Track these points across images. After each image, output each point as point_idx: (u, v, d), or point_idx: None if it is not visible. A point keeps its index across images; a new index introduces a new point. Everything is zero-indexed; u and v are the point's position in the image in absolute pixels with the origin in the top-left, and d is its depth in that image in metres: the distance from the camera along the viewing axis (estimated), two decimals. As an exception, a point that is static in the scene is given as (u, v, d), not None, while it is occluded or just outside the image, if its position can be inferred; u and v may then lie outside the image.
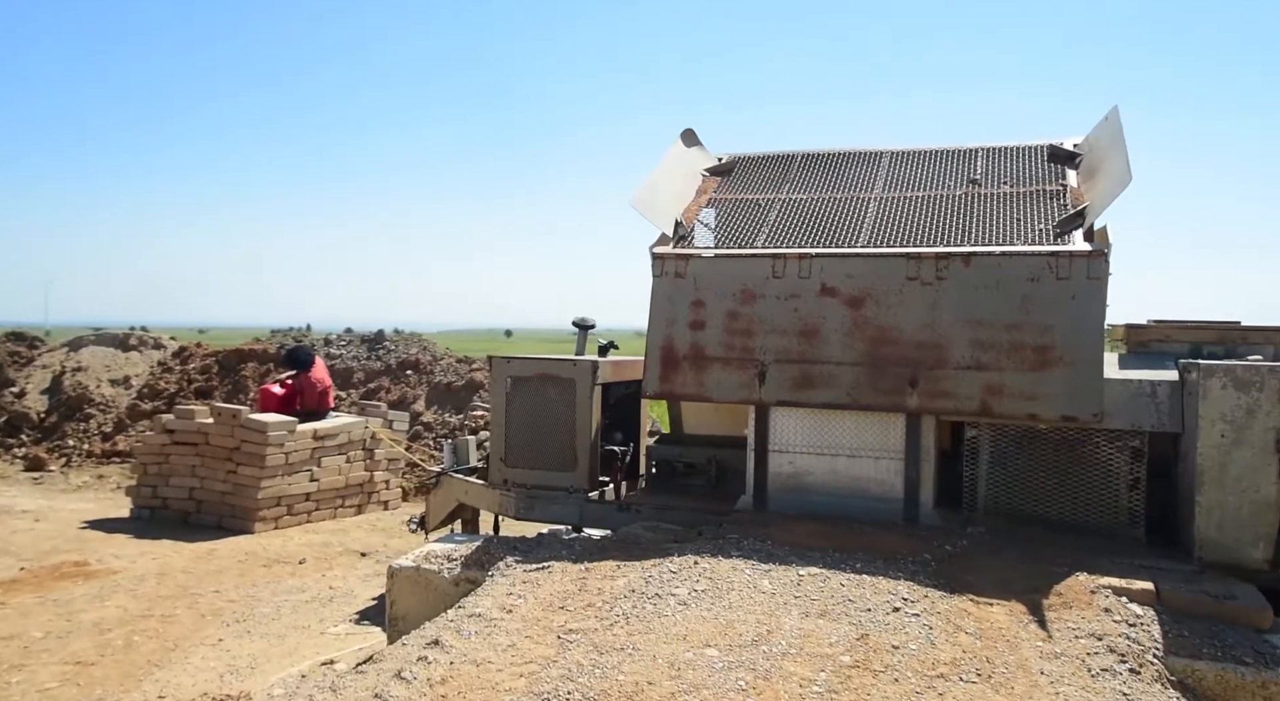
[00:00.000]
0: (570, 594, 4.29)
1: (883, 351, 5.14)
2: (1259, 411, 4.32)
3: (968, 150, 6.28)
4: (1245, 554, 4.38)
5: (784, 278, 5.39)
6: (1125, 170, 4.90)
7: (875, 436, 5.25)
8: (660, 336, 5.58)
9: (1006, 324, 4.92)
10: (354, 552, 8.63)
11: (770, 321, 5.38)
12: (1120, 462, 4.88)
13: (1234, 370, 4.37)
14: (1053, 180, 5.69)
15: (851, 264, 5.28)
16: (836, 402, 5.21)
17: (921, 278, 5.14)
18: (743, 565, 4.41)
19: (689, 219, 6.00)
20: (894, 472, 5.22)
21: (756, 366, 5.37)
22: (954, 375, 4.98)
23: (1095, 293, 4.82)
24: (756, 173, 6.55)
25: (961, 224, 5.43)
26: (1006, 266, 4.98)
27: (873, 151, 6.52)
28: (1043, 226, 5.24)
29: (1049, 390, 4.80)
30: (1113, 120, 5.63)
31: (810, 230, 5.68)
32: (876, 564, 4.42)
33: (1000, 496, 5.13)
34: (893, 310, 5.15)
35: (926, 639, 3.68)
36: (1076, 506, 4.97)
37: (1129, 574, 4.30)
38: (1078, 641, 3.73)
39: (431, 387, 15.94)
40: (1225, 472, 4.39)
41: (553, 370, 5.93)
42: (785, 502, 5.41)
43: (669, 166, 6.32)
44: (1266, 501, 4.33)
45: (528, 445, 5.98)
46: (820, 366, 5.25)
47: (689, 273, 5.58)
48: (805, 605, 3.99)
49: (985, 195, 5.68)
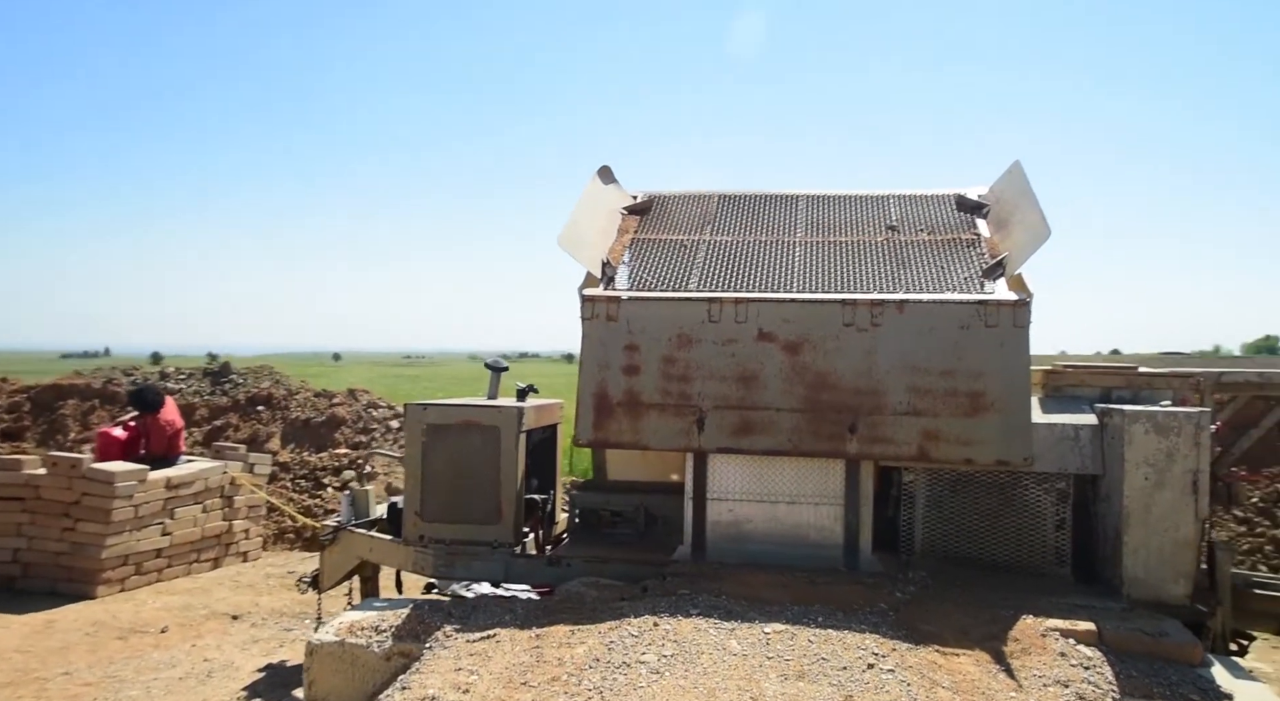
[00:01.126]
0: (528, 666, 3.98)
1: (822, 397, 5.14)
2: (1178, 455, 4.61)
3: (880, 196, 6.46)
4: (1168, 590, 4.64)
5: (720, 322, 5.32)
6: (1043, 224, 5.15)
7: (815, 482, 5.24)
8: (593, 382, 5.36)
9: (941, 370, 5.04)
10: (222, 615, 7.79)
11: (708, 367, 5.28)
12: (1047, 504, 5.09)
13: (1155, 416, 4.65)
14: (966, 229, 5.93)
15: (788, 309, 5.27)
16: (777, 449, 5.16)
17: (857, 324, 5.19)
18: (705, 624, 4.24)
19: (615, 260, 5.84)
20: (834, 518, 5.21)
21: (695, 413, 5.25)
22: (892, 421, 5.05)
23: (1021, 340, 5.02)
24: (676, 212, 6.47)
25: (888, 270, 5.55)
26: (939, 314, 5.11)
27: (789, 195, 6.60)
28: (966, 275, 5.43)
29: (983, 435, 4.94)
30: (1017, 173, 5.95)
31: (741, 274, 5.65)
32: (837, 617, 4.36)
33: (936, 539, 5.23)
34: (830, 356, 5.17)
35: (908, 697, 3.64)
36: (1007, 547, 5.14)
37: (1069, 614, 4.46)
38: (1046, 690, 3.80)
39: (287, 424, 14.86)
40: (1149, 513, 4.65)
41: (476, 417, 5.58)
42: (725, 551, 5.29)
43: (589, 204, 6.14)
44: (1186, 540, 4.62)
45: (447, 498, 5.57)
46: (760, 413, 5.19)
47: (621, 316, 5.41)
48: (781, 666, 3.86)
49: (905, 242, 5.84)
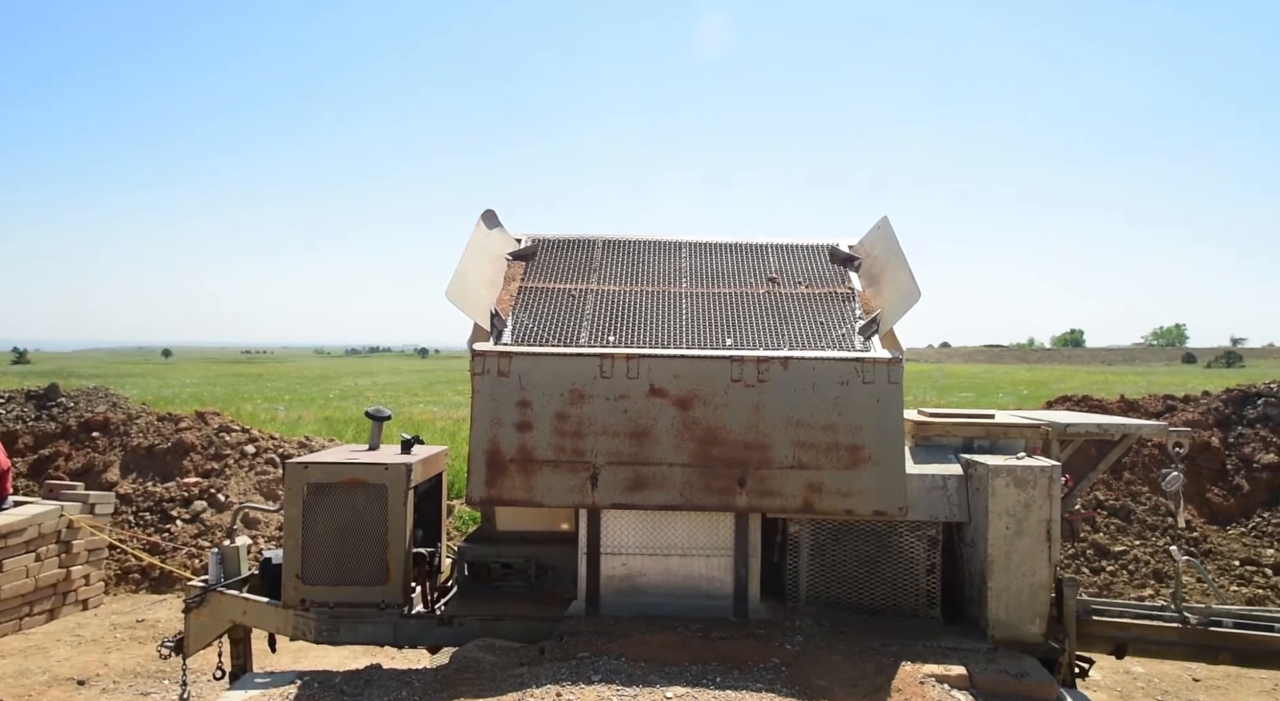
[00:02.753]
0: (431, 750, 3.90)
1: (712, 452, 5.29)
2: (1034, 505, 5.04)
3: (759, 245, 6.70)
4: (1026, 630, 5.06)
5: (612, 378, 5.37)
6: (912, 286, 5.50)
7: (706, 535, 5.38)
8: (485, 439, 5.30)
9: (823, 425, 5.29)
10: (66, 681, 7.18)
11: (601, 422, 5.32)
12: (919, 550, 5.44)
13: (1015, 470, 5.06)
14: (840, 282, 6.24)
15: (678, 365, 5.39)
16: (670, 504, 5.27)
17: (745, 380, 5.37)
18: (608, 692, 4.28)
19: (504, 310, 5.79)
20: (724, 569, 5.38)
21: (588, 469, 5.29)
22: (779, 474, 5.26)
23: (895, 395, 5.34)
24: (560, 259, 6.48)
25: (771, 324, 5.77)
26: (820, 370, 5.36)
27: (672, 242, 6.74)
28: (842, 331, 5.72)
29: (862, 487, 5.23)
30: (885, 229, 6.31)
31: (630, 326, 5.73)
32: (734, 675, 4.51)
33: (819, 586, 5.48)
34: (719, 411, 5.33)
35: (807, 759, 3.81)
36: (884, 592, 5.45)
37: (942, 658, 4.79)
38: (929, 741, 4.07)
39: (127, 452, 13.80)
40: (1010, 560, 5.05)
41: (361, 475, 5.39)
42: (619, 605, 5.35)
43: (475, 252, 6.06)
44: (1041, 583, 5.05)
45: (330, 559, 5.36)
46: (652, 468, 5.29)
47: (513, 371, 5.37)
48: (685, 735, 3.96)
49: (785, 295, 6.09)
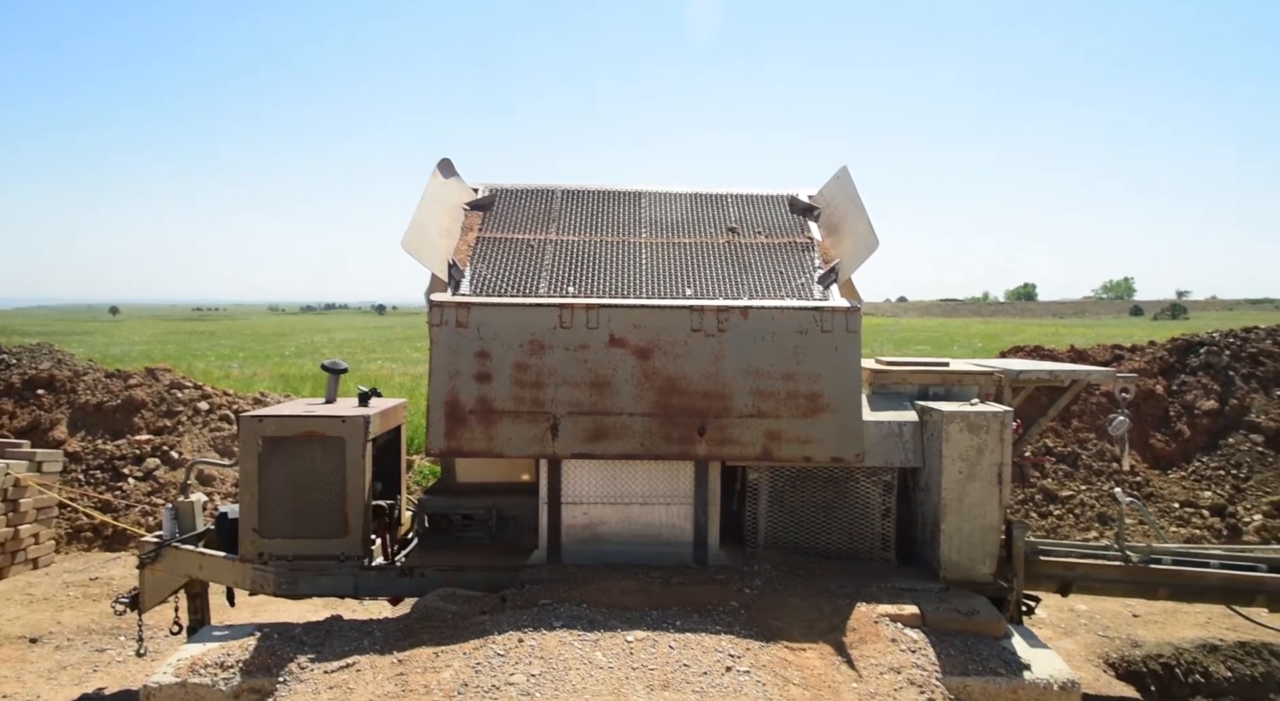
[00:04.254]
0: (394, 696, 3.92)
1: (672, 401, 5.31)
2: (986, 450, 5.15)
3: (719, 195, 6.67)
4: (977, 570, 5.21)
5: (572, 328, 5.35)
6: (870, 236, 5.52)
7: (666, 484, 5.43)
8: (444, 390, 5.26)
9: (782, 374, 5.33)
10: (18, 639, 7.07)
11: (560, 373, 5.31)
12: (875, 496, 5.55)
13: (968, 416, 5.16)
14: (800, 232, 6.25)
15: (638, 315, 5.37)
16: (630, 453, 5.29)
17: (705, 329, 5.38)
18: (570, 637, 4.34)
19: (462, 261, 5.71)
20: (684, 517, 5.44)
21: (548, 419, 5.28)
22: (739, 423, 5.30)
23: (853, 344, 5.40)
24: (519, 209, 6.39)
25: (730, 274, 5.77)
26: (780, 319, 5.38)
27: (632, 191, 6.68)
28: (802, 280, 5.74)
29: (820, 434, 5.30)
30: (844, 179, 6.31)
31: (590, 276, 5.69)
32: (694, 619, 4.59)
33: (778, 532, 5.58)
34: (680, 361, 5.34)
35: (765, 697, 3.91)
36: (841, 536, 5.57)
37: (896, 598, 4.92)
38: (883, 677, 4.19)
39: (75, 409, 13.47)
40: (962, 503, 5.18)
41: (317, 428, 5.33)
42: (580, 554, 5.40)
43: (431, 201, 5.94)
44: (991, 525, 5.19)
45: (288, 512, 5.32)
46: (613, 418, 5.30)
47: (471, 322, 5.32)
48: (646, 676, 4.03)
49: (745, 245, 6.08)
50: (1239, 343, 13.12)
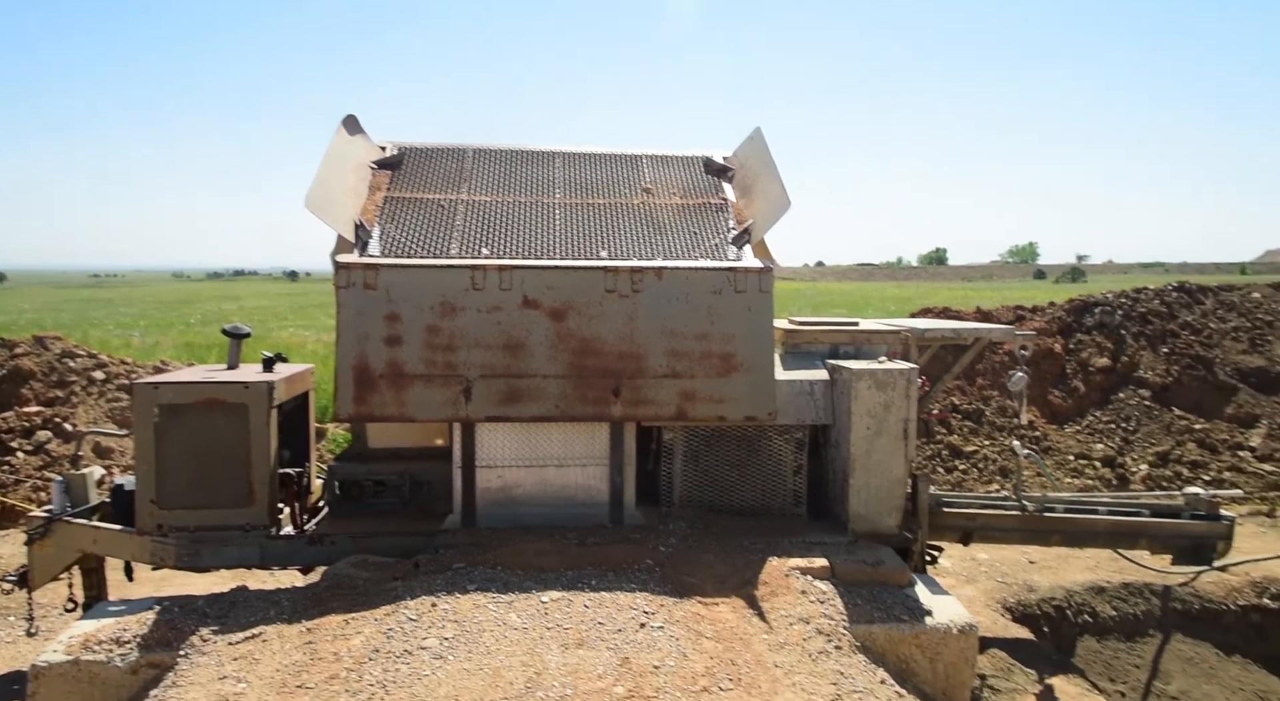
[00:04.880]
0: (303, 665, 3.85)
1: (587, 363, 5.29)
2: (893, 406, 5.30)
3: (633, 156, 6.61)
4: (883, 522, 5.38)
5: (485, 290, 5.26)
6: (783, 196, 5.56)
7: (582, 445, 5.42)
8: (352, 354, 5.12)
9: (696, 334, 5.36)
10: (-101, 622, 6.67)
11: (473, 335, 5.22)
12: (788, 453, 5.66)
13: (876, 373, 5.29)
14: (714, 193, 6.25)
15: (552, 276, 5.31)
16: (545, 415, 5.26)
17: (619, 290, 5.35)
18: (484, 600, 4.32)
19: (369, 221, 5.54)
20: (600, 478, 5.45)
21: (461, 382, 5.20)
22: (653, 383, 5.32)
23: (766, 304, 5.45)
24: (429, 168, 6.21)
25: (645, 235, 5.74)
26: (694, 280, 5.40)
27: (545, 151, 6.56)
28: (715, 241, 5.76)
29: (733, 394, 5.36)
30: (758, 140, 6.33)
31: (502, 237, 5.59)
32: (609, 578, 4.62)
33: (693, 490, 5.64)
34: (594, 322, 5.31)
35: (678, 651, 3.97)
36: (754, 493, 5.67)
37: (806, 552, 5.05)
38: (793, 628, 4.31)
39: (-43, 381, 12.68)
40: (870, 458, 5.32)
41: (218, 394, 5.12)
42: (495, 517, 5.37)
43: (336, 159, 5.73)
44: (898, 478, 5.36)
45: (188, 482, 5.12)
46: (527, 380, 5.25)
47: (380, 284, 5.17)
48: (561, 636, 4.05)
49: (659, 205, 6.06)
50: (1130, 303, 13.79)
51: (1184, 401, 12.57)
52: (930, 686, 4.52)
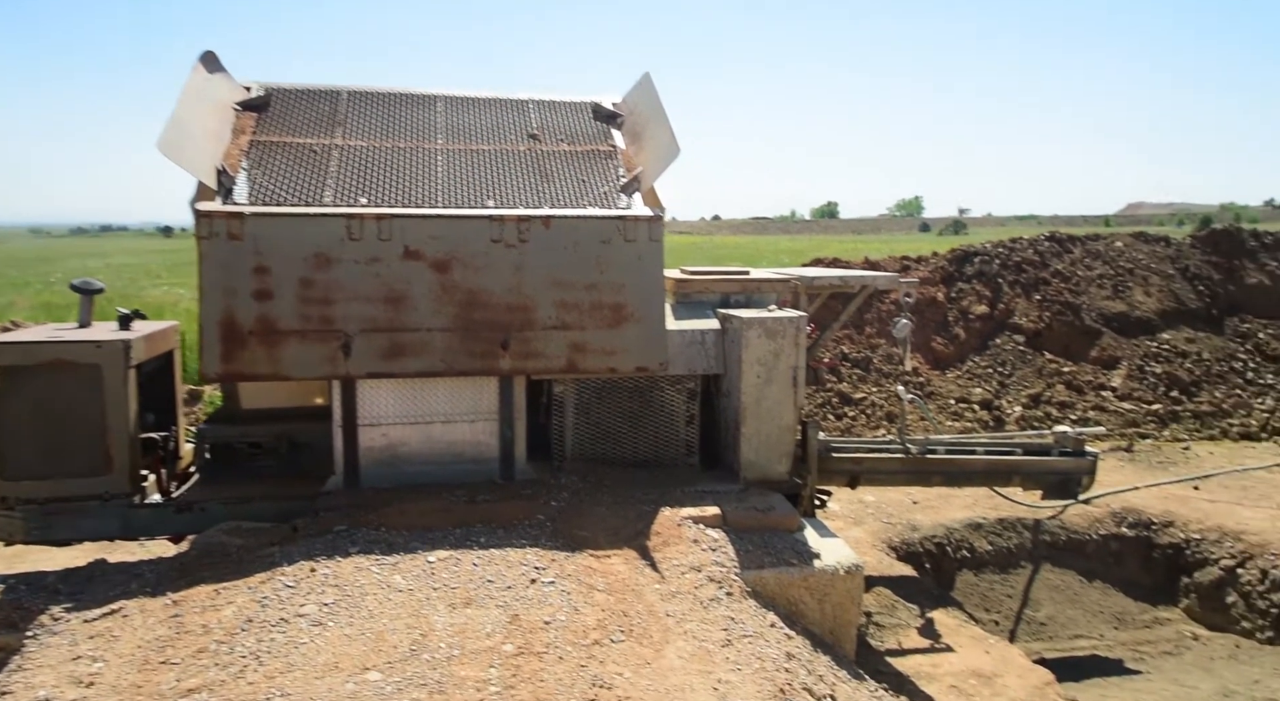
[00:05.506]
0: (168, 640, 3.62)
1: (474, 315, 5.11)
2: (782, 354, 5.33)
3: (520, 101, 6.37)
4: (774, 469, 5.45)
5: (362, 240, 4.99)
6: (672, 144, 5.45)
7: (470, 400, 5.26)
8: (218, 310, 4.78)
9: (586, 284, 5.24)
10: None
11: (351, 288, 4.96)
12: (679, 403, 5.64)
13: (766, 321, 5.30)
14: (603, 140, 6.09)
15: (434, 225, 5.08)
16: (430, 370, 5.07)
17: (505, 240, 5.17)
18: (367, 562, 4.15)
19: (233, 166, 5.15)
20: (489, 433, 5.31)
21: (339, 338, 4.95)
22: (542, 335, 5.19)
23: (656, 253, 5.37)
24: (300, 110, 5.82)
25: (532, 183, 5.56)
26: (582, 229, 5.26)
27: (426, 95, 6.24)
28: (605, 188, 5.62)
29: (624, 345, 5.28)
30: (647, 86, 6.18)
31: (380, 185, 5.30)
32: (499, 534, 4.52)
33: (585, 443, 5.57)
34: (480, 273, 5.12)
35: (569, 606, 3.92)
36: (647, 444, 5.64)
37: (698, 501, 5.06)
38: (684, 577, 4.32)
39: None
40: (760, 406, 5.35)
41: (67, 355, 4.71)
42: (380, 477, 5.17)
43: (193, 99, 5.28)
44: (788, 426, 5.41)
45: (36, 450, 4.72)
46: (411, 334, 5.03)
47: (247, 234, 4.84)
48: (448, 595, 3.94)
49: (547, 152, 5.86)
50: (1006, 253, 14.38)
51: (1054, 345, 13.26)
52: (818, 626, 4.63)
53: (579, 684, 3.37)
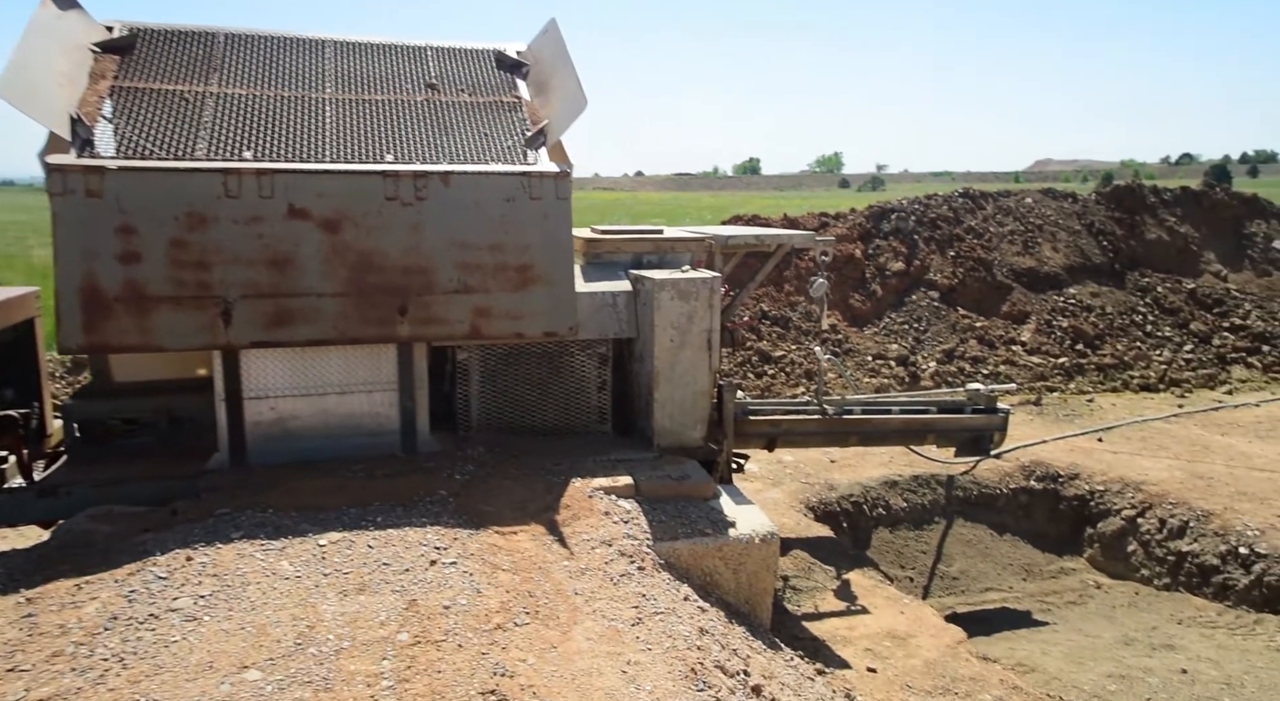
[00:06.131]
0: (18, 644, 3.27)
1: (368, 279, 4.77)
2: (697, 317, 5.14)
3: (417, 48, 5.95)
4: (688, 435, 5.29)
5: (241, 197, 4.57)
6: (579, 94, 5.15)
7: (367, 369, 4.94)
8: (76, 275, 4.33)
9: (489, 245, 4.94)
10: None
11: (230, 250, 4.56)
12: (591, 369, 5.42)
13: (679, 283, 5.10)
14: (506, 91, 5.74)
15: (322, 182, 4.70)
16: (322, 338, 4.72)
17: (401, 198, 4.82)
18: (250, 548, 3.85)
19: (90, 115, 4.65)
20: (389, 404, 5.00)
21: (219, 304, 4.55)
22: (443, 300, 4.88)
23: (564, 211, 5.09)
24: (169, 54, 5.29)
25: (430, 136, 5.19)
26: (485, 186, 4.94)
27: (313, 39, 5.76)
28: (509, 142, 5.30)
29: (532, 309, 5.01)
30: (553, 34, 5.83)
31: (262, 137, 4.87)
32: (397, 512, 4.25)
33: (492, 412, 5.31)
34: (374, 234, 4.77)
35: (471, 588, 3.71)
36: (558, 412, 5.42)
37: (611, 471, 4.88)
38: (594, 552, 4.14)
39: None
40: (674, 370, 5.17)
41: (-100, 328, 4.22)
42: (270, 454, 4.82)
43: (40, 37, 4.74)
44: (702, 390, 5.26)
45: None
46: (299, 300, 4.67)
47: (108, 191, 4.38)
48: (340, 582, 3.67)
49: (446, 103, 5.49)
50: (922, 209, 14.50)
51: (967, 301, 13.49)
52: (734, 596, 4.53)
53: (479, 673, 3.17)
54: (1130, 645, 5.79)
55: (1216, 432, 9.24)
